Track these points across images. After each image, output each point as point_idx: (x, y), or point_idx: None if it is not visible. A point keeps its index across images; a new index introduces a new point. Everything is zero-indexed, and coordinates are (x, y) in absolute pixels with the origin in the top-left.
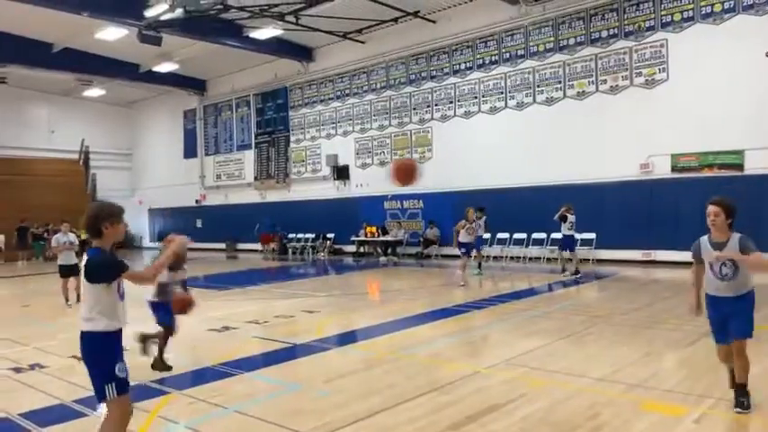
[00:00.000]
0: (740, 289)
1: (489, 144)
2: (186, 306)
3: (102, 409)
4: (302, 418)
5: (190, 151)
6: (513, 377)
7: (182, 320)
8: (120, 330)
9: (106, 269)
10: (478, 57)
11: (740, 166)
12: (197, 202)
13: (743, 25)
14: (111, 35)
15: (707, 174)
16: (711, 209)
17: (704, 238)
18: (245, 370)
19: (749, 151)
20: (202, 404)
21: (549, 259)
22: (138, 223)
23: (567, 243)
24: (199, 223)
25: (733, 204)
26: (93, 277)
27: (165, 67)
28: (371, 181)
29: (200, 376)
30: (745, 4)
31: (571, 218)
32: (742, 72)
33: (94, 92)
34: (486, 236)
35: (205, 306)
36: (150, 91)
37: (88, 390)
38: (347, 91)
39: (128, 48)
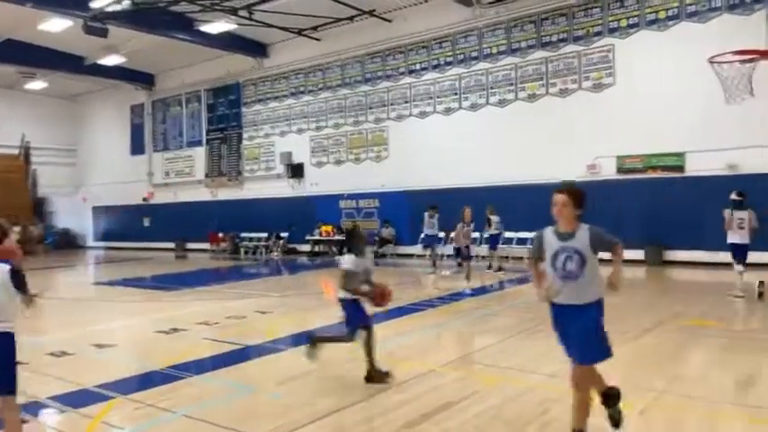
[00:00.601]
0: (586, 295)
1: (444, 144)
2: (387, 297)
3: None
4: (254, 421)
5: (137, 147)
6: (467, 374)
7: (128, 322)
8: None
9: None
10: (433, 57)
11: (681, 168)
12: (144, 199)
13: (686, 32)
14: (55, 26)
15: (650, 175)
16: (559, 198)
17: (549, 229)
18: (195, 373)
19: (690, 153)
20: (149, 409)
21: (501, 257)
22: (81, 222)
23: (494, 242)
24: (146, 222)
25: (582, 192)
26: (23, 286)
27: (111, 60)
28: (327, 180)
29: (148, 380)
30: (688, 11)
31: (494, 218)
32: (685, 77)
33: (37, 84)
34: (442, 234)
35: (153, 307)
36: (95, 84)
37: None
38: (302, 88)
39: (73, 39)
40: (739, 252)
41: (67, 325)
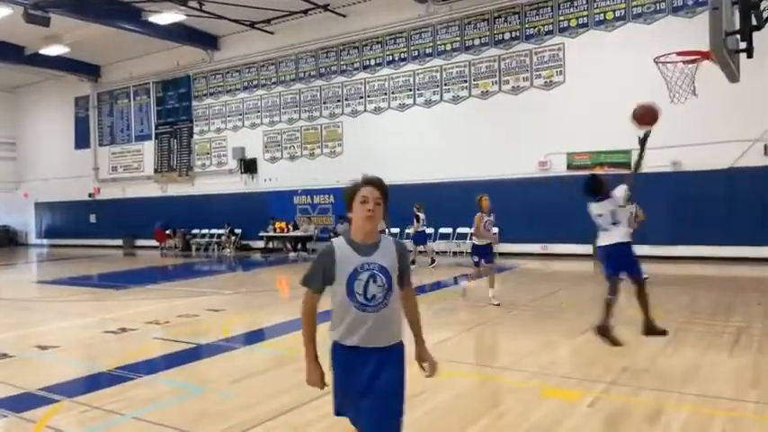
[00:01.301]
0: (390, 333)
1: (399, 140)
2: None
3: None
4: (206, 421)
5: (82, 141)
6: (421, 370)
7: (74, 322)
8: None
9: None
10: (388, 53)
11: (628, 165)
12: (90, 195)
13: (632, 33)
14: None
15: (598, 171)
16: (370, 192)
17: (340, 240)
18: (145, 373)
19: (636, 151)
20: (97, 412)
21: (455, 253)
22: (23, 218)
23: (421, 238)
24: (93, 218)
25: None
26: None
27: (53, 50)
28: (281, 175)
29: (95, 382)
30: (634, 13)
31: (422, 216)
32: (631, 76)
33: None
34: (395, 230)
35: (100, 307)
36: (37, 75)
37: None
38: (255, 82)
39: (12, 28)
40: None
41: (8, 326)
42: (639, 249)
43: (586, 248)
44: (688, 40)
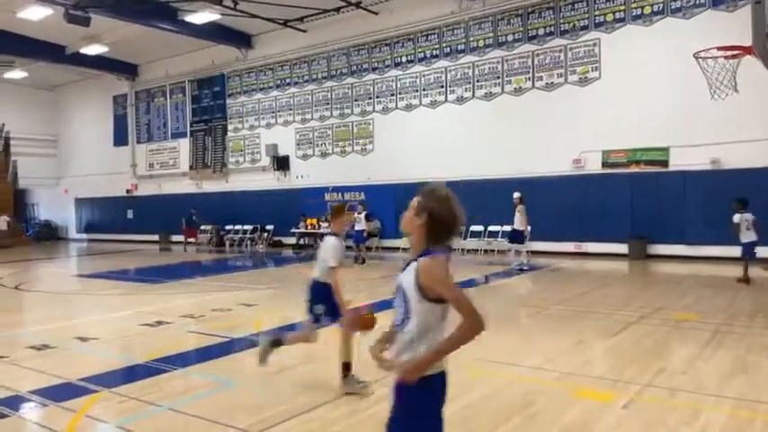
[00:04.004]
0: None
1: (430, 137)
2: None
3: None
4: (239, 414)
5: (120, 138)
6: (453, 367)
7: (112, 315)
8: None
9: None
10: (419, 50)
11: (665, 162)
12: (128, 191)
13: (671, 27)
14: (35, 14)
15: (634, 169)
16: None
17: None
18: (180, 366)
19: (674, 148)
20: (134, 402)
21: (485, 251)
22: (64, 214)
23: (360, 238)
24: (130, 214)
25: None
26: None
27: (93, 50)
28: (313, 172)
29: (132, 373)
30: (673, 7)
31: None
32: (669, 72)
33: (16, 74)
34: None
35: (137, 300)
36: (77, 74)
37: None
38: (287, 80)
39: (53, 28)
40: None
41: (49, 318)
42: (675, 249)
43: (621, 248)
44: (729, 34)
